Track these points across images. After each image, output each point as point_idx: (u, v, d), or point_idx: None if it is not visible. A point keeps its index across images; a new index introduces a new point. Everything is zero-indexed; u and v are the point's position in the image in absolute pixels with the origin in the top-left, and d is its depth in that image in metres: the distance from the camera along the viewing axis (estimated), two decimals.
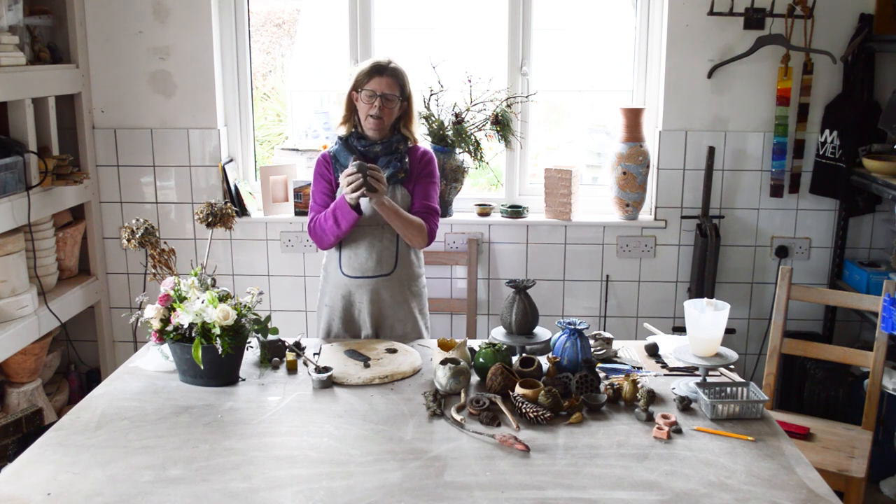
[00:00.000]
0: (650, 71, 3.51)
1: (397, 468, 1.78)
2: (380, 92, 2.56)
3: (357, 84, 2.59)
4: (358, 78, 2.59)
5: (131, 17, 3.39)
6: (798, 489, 1.71)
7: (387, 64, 2.60)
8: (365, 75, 2.58)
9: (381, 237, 2.65)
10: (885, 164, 3.14)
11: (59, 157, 3.17)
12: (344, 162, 2.61)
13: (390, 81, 2.58)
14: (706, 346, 2.14)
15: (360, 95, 2.59)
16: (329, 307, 2.74)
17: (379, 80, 2.57)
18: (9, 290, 2.93)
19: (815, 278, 3.54)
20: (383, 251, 2.66)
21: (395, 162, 2.62)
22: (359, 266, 2.66)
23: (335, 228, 2.56)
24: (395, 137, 2.65)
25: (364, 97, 2.57)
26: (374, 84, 2.56)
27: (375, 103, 2.56)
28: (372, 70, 2.58)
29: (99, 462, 1.81)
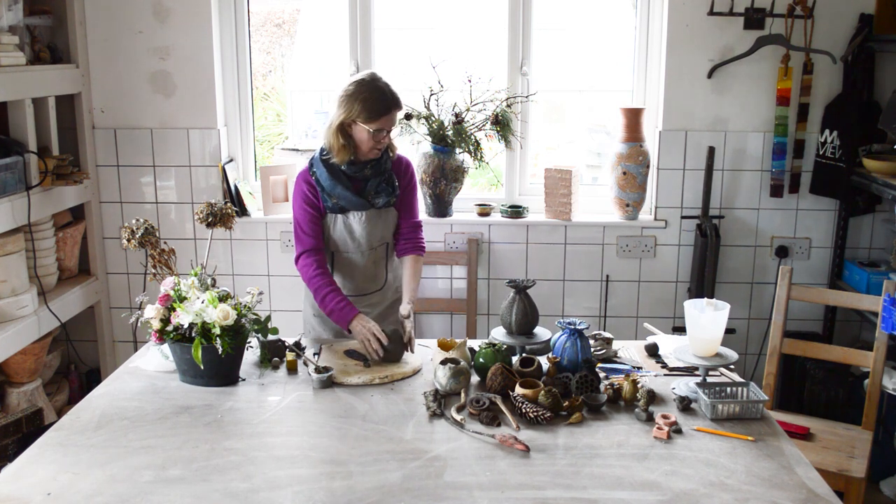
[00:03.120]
0: (650, 71, 3.51)
1: (397, 468, 1.78)
2: (388, 128, 2.46)
3: (359, 117, 2.41)
4: (360, 114, 2.41)
5: (131, 17, 3.39)
6: (798, 489, 1.71)
7: (393, 98, 2.44)
8: (376, 113, 2.41)
9: (374, 259, 2.63)
10: (885, 164, 3.14)
11: (59, 157, 3.17)
12: (330, 190, 2.49)
13: (395, 115, 2.47)
14: (706, 346, 2.14)
15: (361, 127, 2.42)
16: (320, 318, 2.70)
17: (388, 117, 2.44)
18: (9, 290, 2.93)
19: (815, 278, 3.54)
20: (377, 270, 2.66)
21: (386, 186, 2.55)
22: (353, 287, 2.65)
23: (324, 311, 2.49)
24: (384, 157, 2.55)
25: (370, 134, 2.43)
26: (385, 121, 2.43)
27: (383, 139, 2.47)
28: (384, 107, 2.42)
29: (99, 462, 1.81)
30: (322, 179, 2.51)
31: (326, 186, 2.51)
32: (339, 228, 2.56)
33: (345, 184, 2.51)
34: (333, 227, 2.57)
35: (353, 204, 2.53)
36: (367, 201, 2.54)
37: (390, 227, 2.64)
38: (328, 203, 2.53)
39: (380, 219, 2.58)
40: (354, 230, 2.56)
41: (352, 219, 2.55)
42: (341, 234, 2.57)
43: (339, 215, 2.55)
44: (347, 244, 2.59)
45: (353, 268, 2.63)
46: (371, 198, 2.54)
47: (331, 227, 2.57)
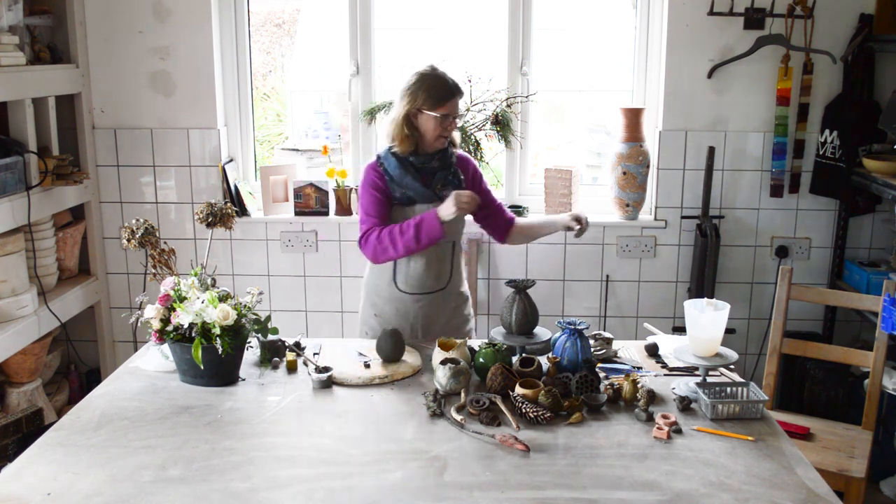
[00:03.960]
0: (650, 71, 3.51)
1: (397, 468, 1.78)
2: (454, 114, 2.51)
3: (424, 105, 2.48)
4: (425, 101, 2.48)
5: (131, 17, 3.39)
6: (798, 489, 1.71)
7: (453, 85, 2.51)
8: (441, 99, 2.48)
9: (441, 254, 2.61)
10: (885, 164, 3.14)
11: (59, 157, 3.17)
12: (399, 180, 2.52)
13: (458, 101, 2.53)
14: (706, 346, 2.14)
15: (427, 116, 2.49)
16: (380, 317, 2.69)
17: (453, 102, 2.50)
18: (9, 290, 2.93)
19: (815, 278, 3.54)
20: (441, 267, 2.64)
21: (452, 179, 2.58)
22: (417, 283, 2.62)
23: (412, 243, 2.44)
24: (448, 150, 2.59)
25: (437, 120, 2.48)
26: (450, 107, 2.50)
27: (449, 126, 2.52)
28: (448, 93, 2.49)
29: (99, 462, 1.81)
30: (391, 169, 2.54)
31: (395, 176, 2.53)
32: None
33: (413, 174, 2.53)
34: (401, 220, 2.53)
35: (420, 195, 2.54)
36: (434, 193, 2.55)
37: (456, 225, 2.61)
38: (396, 194, 2.54)
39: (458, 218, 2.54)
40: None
41: (419, 211, 2.53)
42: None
43: (406, 208, 2.55)
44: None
45: (417, 263, 2.60)
46: (438, 190, 2.56)
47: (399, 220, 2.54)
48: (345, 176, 3.51)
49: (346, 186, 3.50)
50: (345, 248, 3.57)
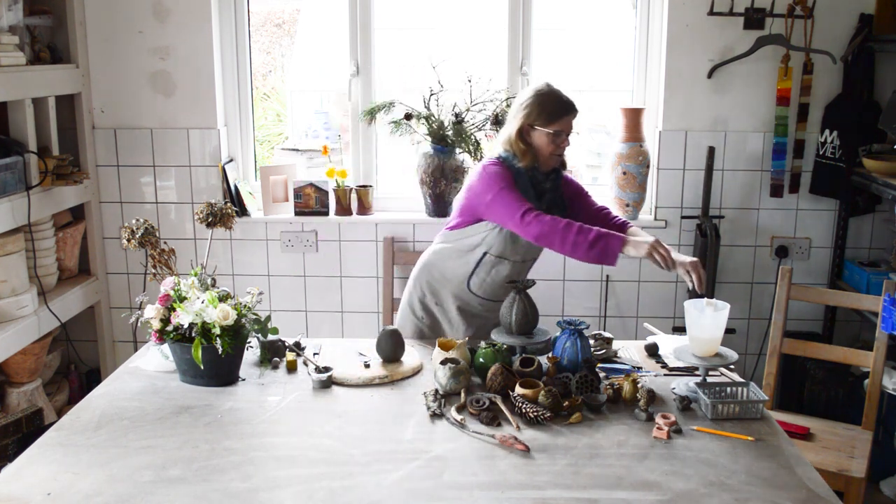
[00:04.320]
0: (650, 71, 3.51)
1: (397, 468, 1.78)
2: (567, 131, 2.49)
3: (537, 120, 2.45)
4: (538, 116, 2.45)
5: (131, 17, 3.39)
6: (798, 489, 1.71)
7: (568, 102, 2.48)
8: (553, 114, 2.45)
9: (518, 270, 2.62)
10: (885, 164, 3.14)
11: (59, 157, 3.17)
12: (523, 190, 2.46)
13: (573, 118, 2.50)
14: (706, 346, 2.14)
15: (539, 132, 2.45)
16: (442, 307, 2.67)
17: (566, 120, 2.47)
18: (9, 290, 2.93)
19: (815, 278, 3.54)
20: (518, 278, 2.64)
21: (559, 202, 2.55)
22: (492, 291, 2.62)
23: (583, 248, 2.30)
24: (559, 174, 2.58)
25: (550, 137, 2.45)
26: (563, 124, 2.47)
27: (563, 143, 2.49)
28: (562, 109, 2.46)
29: (99, 462, 1.81)
30: (520, 179, 2.49)
31: (522, 186, 2.49)
32: (506, 233, 2.50)
33: (533, 189, 2.50)
34: (500, 230, 2.50)
35: None
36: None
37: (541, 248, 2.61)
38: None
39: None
40: (519, 239, 2.50)
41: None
42: (505, 236, 2.51)
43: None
44: (505, 248, 2.53)
45: (496, 272, 2.58)
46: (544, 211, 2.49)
47: (497, 228, 2.50)
48: (345, 176, 3.51)
49: (346, 186, 3.50)
50: (345, 248, 3.57)
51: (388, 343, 2.33)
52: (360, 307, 3.62)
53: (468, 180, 2.58)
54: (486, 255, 2.55)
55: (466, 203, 2.55)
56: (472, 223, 2.56)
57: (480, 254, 2.56)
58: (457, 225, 2.60)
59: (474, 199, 2.51)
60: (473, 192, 2.51)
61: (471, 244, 2.56)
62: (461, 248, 2.59)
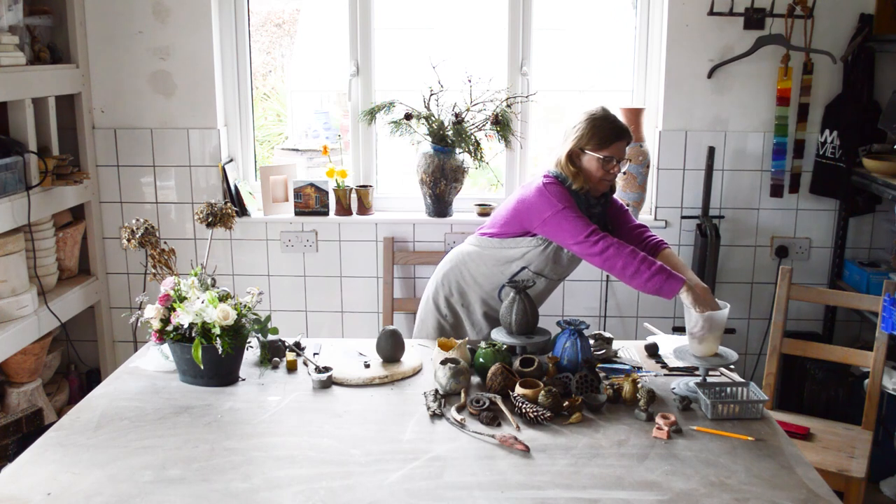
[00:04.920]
0: (650, 71, 3.51)
1: (397, 468, 1.78)
2: (618, 157, 2.45)
3: (588, 144, 2.43)
4: (589, 140, 2.43)
5: (131, 17, 3.39)
6: (798, 489, 1.71)
7: (622, 127, 2.45)
8: (605, 140, 2.42)
9: (550, 288, 2.65)
10: (885, 164, 3.14)
11: (59, 157, 3.17)
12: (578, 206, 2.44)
13: (625, 143, 2.47)
14: (706, 346, 2.14)
15: (590, 156, 2.44)
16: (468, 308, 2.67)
17: (619, 146, 2.44)
18: (9, 290, 2.93)
19: (815, 278, 3.54)
20: (544, 296, 2.67)
21: (605, 227, 2.51)
22: None
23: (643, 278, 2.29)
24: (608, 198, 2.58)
25: (600, 163, 2.43)
26: (614, 149, 2.44)
27: (613, 169, 2.46)
28: (613, 135, 2.43)
29: (99, 462, 1.81)
30: (578, 200, 2.47)
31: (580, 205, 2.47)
32: (549, 253, 2.50)
33: (586, 211, 2.47)
34: (544, 249, 2.49)
35: None
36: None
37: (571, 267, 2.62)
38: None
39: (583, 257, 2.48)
40: (562, 260, 2.52)
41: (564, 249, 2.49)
42: (547, 258, 2.51)
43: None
44: (546, 267, 2.53)
45: (536, 287, 2.56)
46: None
47: (542, 248, 2.49)
48: (345, 176, 3.51)
49: (346, 186, 3.50)
50: (345, 248, 3.57)
51: (388, 343, 2.33)
52: (360, 307, 3.62)
53: (521, 193, 2.53)
54: (525, 269, 2.54)
55: (516, 215, 2.51)
56: (516, 235, 2.53)
57: (518, 267, 2.54)
58: (498, 233, 2.56)
59: (529, 213, 2.47)
60: (528, 206, 2.47)
61: (510, 256, 2.54)
62: (499, 257, 2.56)
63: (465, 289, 2.66)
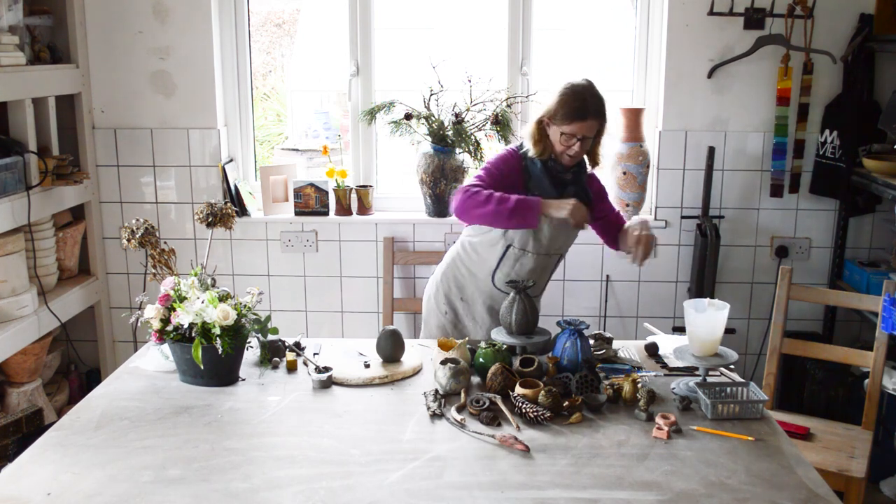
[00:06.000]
0: (650, 71, 3.51)
1: (397, 468, 1.78)
2: (580, 135, 2.44)
3: (555, 117, 2.44)
4: (556, 113, 2.43)
5: (131, 17, 3.39)
6: (798, 489, 1.71)
7: (591, 107, 2.41)
8: (567, 116, 2.41)
9: (543, 265, 2.62)
10: (885, 164, 3.14)
11: (59, 157, 3.17)
12: (537, 181, 2.49)
13: (591, 124, 2.44)
14: (706, 346, 2.14)
15: (555, 128, 2.45)
16: (467, 303, 2.69)
17: (582, 125, 2.42)
18: (9, 290, 2.93)
19: (815, 278, 3.54)
20: (543, 275, 2.66)
21: (584, 196, 2.53)
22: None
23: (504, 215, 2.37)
24: (584, 168, 2.58)
25: (561, 139, 2.45)
26: (575, 128, 2.42)
27: (574, 145, 2.45)
28: (576, 114, 2.40)
29: (99, 462, 1.81)
30: (533, 168, 2.51)
31: (535, 175, 2.51)
32: None
33: (550, 179, 2.50)
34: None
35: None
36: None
37: (570, 240, 2.63)
38: (533, 192, 2.49)
39: (567, 227, 2.50)
40: (542, 229, 2.52)
41: (543, 218, 2.49)
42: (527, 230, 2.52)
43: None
44: (528, 242, 2.54)
45: (521, 266, 2.58)
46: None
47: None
48: (345, 176, 3.51)
49: (346, 186, 3.50)
50: (345, 248, 3.57)
51: (388, 343, 2.33)
52: (360, 307, 3.62)
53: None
54: (510, 248, 2.56)
55: None
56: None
57: (504, 247, 2.57)
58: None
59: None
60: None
61: (493, 238, 2.57)
62: (485, 241, 2.60)
63: (463, 282, 2.68)
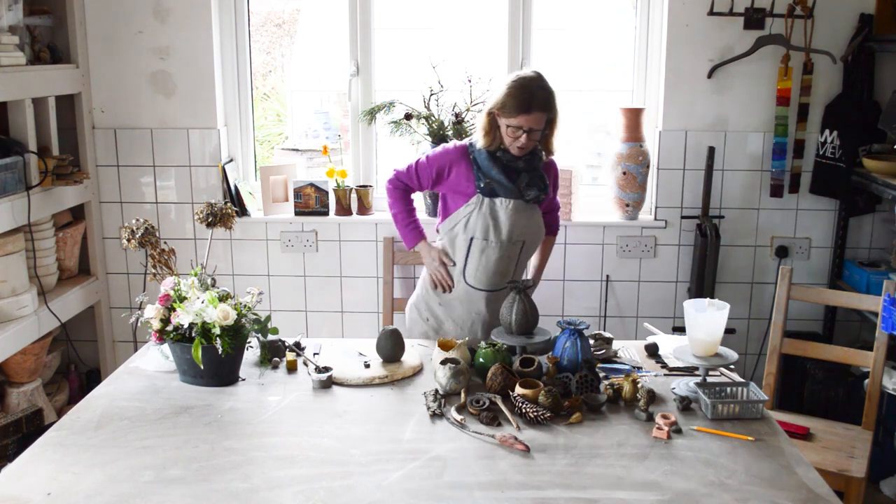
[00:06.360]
0: (650, 71, 3.51)
1: (397, 468, 1.78)
2: (526, 128, 2.47)
3: (502, 110, 2.48)
4: (504, 105, 2.47)
5: (131, 17, 3.39)
6: (798, 489, 1.71)
7: (537, 100, 2.45)
8: (514, 109, 2.45)
9: (509, 254, 2.64)
10: (885, 164, 3.14)
11: (59, 157, 3.17)
12: (486, 171, 2.54)
13: (538, 117, 2.47)
14: (706, 346, 2.14)
15: (502, 121, 2.49)
16: (445, 307, 2.74)
17: (529, 117, 2.45)
18: (9, 290, 2.93)
19: (815, 278, 3.54)
20: (508, 266, 2.68)
21: (539, 181, 2.60)
22: (486, 280, 2.66)
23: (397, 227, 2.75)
24: (537, 156, 2.61)
25: (509, 131, 2.49)
26: (521, 121, 2.45)
27: (521, 137, 2.49)
28: (521, 107, 2.44)
29: (99, 462, 1.81)
30: (480, 158, 2.57)
31: (483, 166, 2.55)
32: (485, 212, 2.58)
33: (500, 168, 2.55)
34: (479, 210, 2.58)
35: (504, 189, 2.57)
36: (517, 190, 2.58)
37: (532, 227, 2.65)
38: (480, 184, 2.57)
39: (525, 212, 2.59)
40: (500, 217, 2.57)
41: (499, 205, 2.57)
42: (486, 218, 2.58)
43: (486, 198, 2.58)
44: (488, 231, 2.59)
45: (487, 258, 2.63)
46: (522, 188, 2.58)
47: (476, 209, 2.58)
48: (345, 176, 3.51)
49: (346, 186, 3.50)
50: (345, 248, 3.57)
51: (388, 343, 2.33)
52: (360, 307, 3.62)
53: None
54: (473, 240, 2.61)
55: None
56: (452, 211, 2.64)
57: (467, 240, 2.62)
58: (442, 217, 2.70)
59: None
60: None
61: (455, 232, 2.64)
62: (451, 241, 2.66)
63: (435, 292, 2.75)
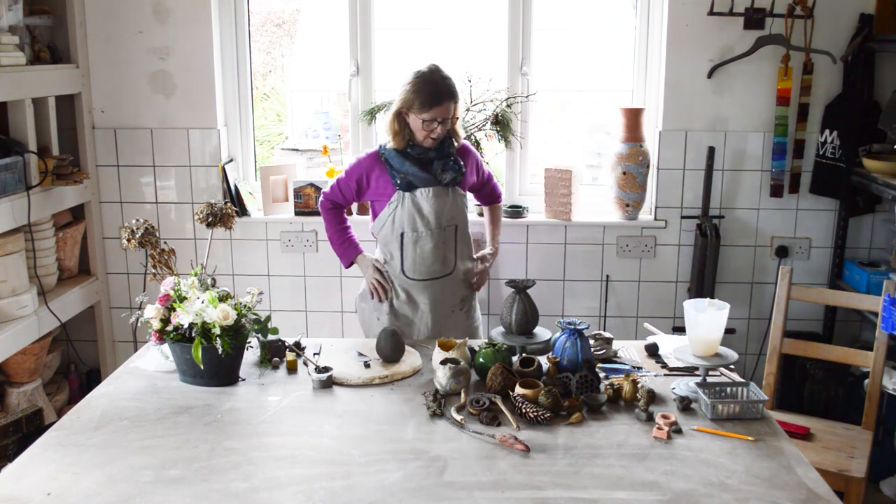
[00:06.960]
0: (650, 71, 3.51)
1: (397, 468, 1.78)
2: (440, 118, 2.58)
3: (412, 107, 2.58)
4: (413, 104, 2.58)
5: (131, 17, 3.39)
6: (798, 489, 1.71)
7: (444, 90, 2.57)
8: (426, 104, 2.56)
9: (443, 239, 2.70)
10: (885, 164, 3.14)
11: (59, 157, 3.17)
12: (399, 167, 2.64)
13: (448, 106, 2.59)
14: (706, 346, 2.14)
15: (414, 117, 2.59)
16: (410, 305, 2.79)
17: (440, 108, 2.57)
18: (9, 290, 2.93)
19: (815, 278, 3.54)
20: (446, 253, 2.73)
21: (453, 164, 2.68)
22: (424, 269, 2.71)
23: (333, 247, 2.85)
24: (447, 142, 2.69)
25: (422, 125, 2.59)
26: (436, 112, 2.57)
27: (436, 129, 2.59)
28: (433, 99, 2.56)
29: (99, 462, 1.81)
30: (391, 158, 2.66)
31: (395, 164, 2.64)
32: (408, 206, 2.66)
33: (412, 161, 2.64)
34: (402, 205, 2.66)
35: (420, 180, 2.65)
36: (433, 177, 2.66)
37: (459, 208, 2.74)
38: (397, 180, 2.65)
39: (447, 196, 2.68)
40: (423, 207, 2.65)
41: (419, 196, 2.65)
42: (410, 212, 2.66)
43: (407, 193, 2.66)
44: (416, 223, 2.66)
45: (422, 248, 2.69)
46: (438, 175, 2.66)
47: (398, 206, 2.67)
48: None
49: None
50: None
51: (388, 343, 2.33)
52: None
53: None
54: (404, 234, 2.68)
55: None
56: (377, 213, 2.73)
57: (398, 236, 2.69)
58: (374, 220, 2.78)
59: None
60: None
61: (386, 233, 2.72)
62: (384, 238, 2.74)
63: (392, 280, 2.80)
